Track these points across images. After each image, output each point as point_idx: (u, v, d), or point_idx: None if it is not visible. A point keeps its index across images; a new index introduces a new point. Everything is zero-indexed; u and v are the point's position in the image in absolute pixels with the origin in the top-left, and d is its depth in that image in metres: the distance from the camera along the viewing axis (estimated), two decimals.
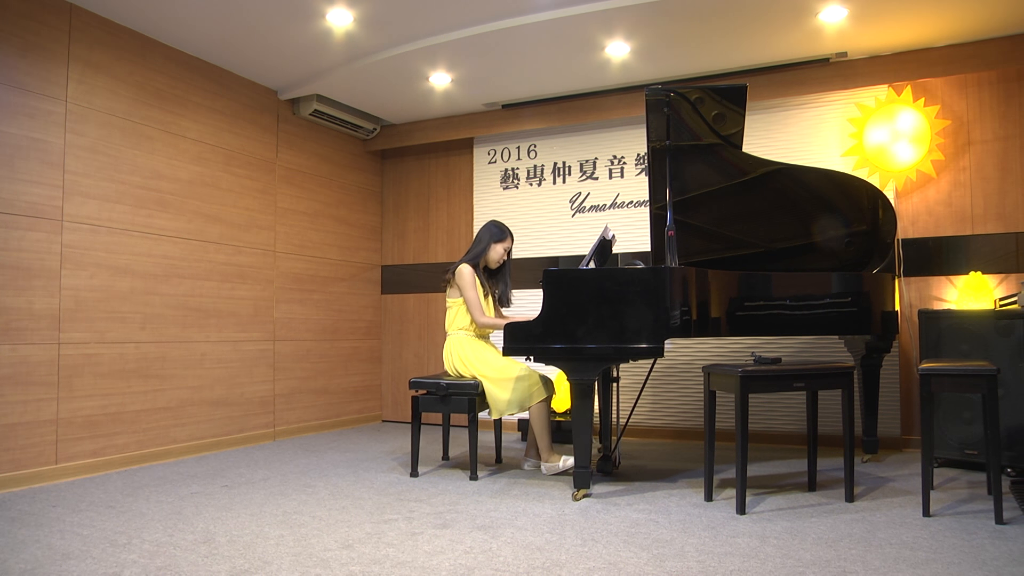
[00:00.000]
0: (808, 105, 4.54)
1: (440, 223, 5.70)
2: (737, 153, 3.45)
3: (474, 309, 3.65)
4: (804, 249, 3.64)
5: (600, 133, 5.12)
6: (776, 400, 4.50)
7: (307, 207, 5.13)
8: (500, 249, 3.78)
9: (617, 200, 5.04)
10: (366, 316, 5.71)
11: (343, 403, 5.42)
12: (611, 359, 2.99)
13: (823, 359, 4.35)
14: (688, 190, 3.51)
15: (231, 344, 4.44)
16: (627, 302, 2.95)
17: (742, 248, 3.67)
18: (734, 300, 3.11)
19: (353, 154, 5.63)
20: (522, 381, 3.49)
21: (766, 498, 3.06)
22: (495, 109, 5.25)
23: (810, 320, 3.19)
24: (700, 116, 3.33)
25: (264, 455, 4.20)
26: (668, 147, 3.28)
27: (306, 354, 5.06)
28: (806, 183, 3.55)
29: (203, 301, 4.27)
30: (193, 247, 4.22)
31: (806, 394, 3.23)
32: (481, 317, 3.64)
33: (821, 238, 3.61)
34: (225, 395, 4.39)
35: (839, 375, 2.94)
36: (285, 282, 4.90)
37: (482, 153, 5.50)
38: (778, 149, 4.56)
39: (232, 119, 4.53)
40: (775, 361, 3.01)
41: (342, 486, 3.38)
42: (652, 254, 3.60)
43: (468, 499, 3.11)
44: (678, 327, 2.93)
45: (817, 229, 3.61)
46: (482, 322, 3.64)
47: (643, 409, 4.82)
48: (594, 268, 3.30)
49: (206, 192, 4.32)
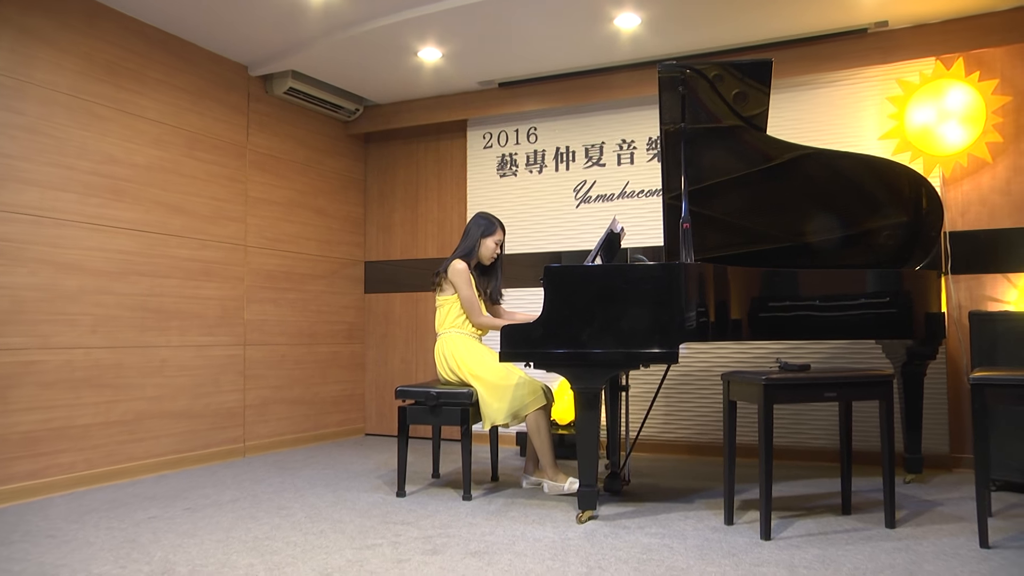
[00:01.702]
0: (842, 82, 4.52)
1: (430, 214, 5.69)
2: (760, 136, 3.45)
3: (471, 309, 3.65)
4: (836, 243, 3.63)
5: (608, 115, 5.10)
6: (805, 412, 4.48)
7: (281, 196, 5.11)
8: (491, 244, 3.79)
9: (626, 189, 5.02)
10: (347, 317, 5.69)
11: (322, 414, 5.40)
12: (619, 365, 2.99)
13: (858, 366, 4.33)
14: (705, 178, 3.50)
15: (196, 349, 4.42)
16: (638, 302, 2.94)
17: (766, 242, 3.66)
18: (757, 300, 3.11)
19: (333, 137, 5.61)
20: (519, 389, 3.49)
21: (794, 522, 3.04)
22: (491, 88, 5.23)
23: (843, 322, 3.18)
24: (719, 95, 3.32)
25: (232, 473, 4.18)
26: (683, 130, 3.26)
27: (280, 360, 5.04)
28: (838, 170, 3.53)
29: (164, 301, 4.24)
30: (152, 241, 4.19)
31: (839, 405, 3.21)
32: (479, 317, 3.65)
33: (855, 231, 3.60)
34: (188, 406, 4.36)
35: (876, 384, 2.92)
36: (257, 280, 4.88)
37: (476, 137, 5.49)
38: (807, 132, 4.54)
39: (196, 97, 4.50)
40: (803, 368, 2.99)
41: (320, 507, 3.36)
42: (665, 249, 3.59)
43: (461, 521, 3.09)
44: (694, 330, 2.93)
45: (851, 221, 3.60)
46: (479, 322, 3.65)
47: (655, 421, 4.81)
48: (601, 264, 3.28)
49: (167, 179, 4.29)
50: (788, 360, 3.34)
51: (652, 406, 3.86)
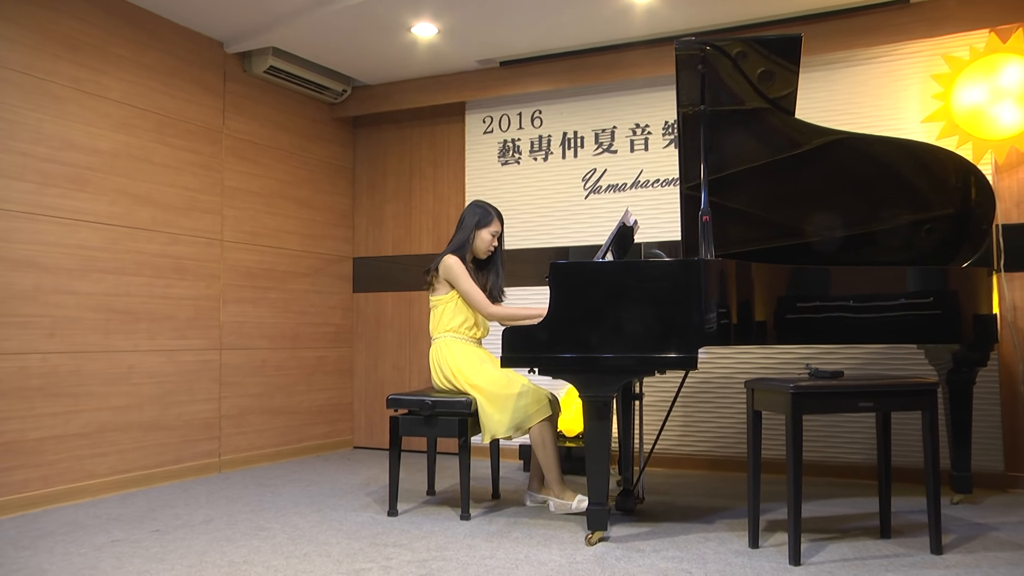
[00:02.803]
0: (880, 59, 4.49)
1: (425, 206, 5.67)
2: (788, 120, 3.43)
3: (477, 300, 3.65)
4: (872, 238, 3.61)
5: (620, 96, 5.09)
6: (838, 424, 4.47)
7: (261, 186, 5.10)
8: (487, 236, 3.78)
9: (640, 178, 5.01)
10: (334, 319, 5.68)
11: (305, 425, 5.39)
12: (633, 371, 2.99)
13: (897, 373, 4.31)
14: (727, 166, 3.48)
15: (166, 354, 4.40)
16: (652, 302, 2.94)
17: (794, 237, 3.65)
18: (784, 300, 3.10)
19: (318, 122, 5.60)
20: (522, 398, 3.49)
21: (826, 545, 3.02)
22: (491, 67, 5.22)
23: (880, 325, 3.16)
24: (743, 75, 3.30)
25: (207, 490, 4.17)
26: (703, 113, 3.26)
27: (260, 366, 5.03)
28: (875, 156, 3.51)
29: (131, 301, 4.22)
30: (118, 235, 4.17)
31: (876, 416, 3.19)
32: (489, 307, 3.66)
33: (893, 224, 3.58)
34: (158, 417, 4.35)
35: (918, 393, 2.89)
36: (234, 278, 4.87)
37: (476, 121, 5.48)
38: (840, 115, 4.52)
39: (167, 77, 4.48)
40: (835, 375, 2.98)
41: (303, 528, 3.35)
42: (683, 243, 3.58)
43: (458, 543, 3.09)
44: (714, 332, 2.92)
45: (888, 213, 3.58)
46: (492, 313, 3.66)
47: (672, 433, 4.80)
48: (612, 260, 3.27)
49: (134, 167, 4.27)
50: (819, 366, 3.33)
51: (668, 416, 3.85)
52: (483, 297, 3.65)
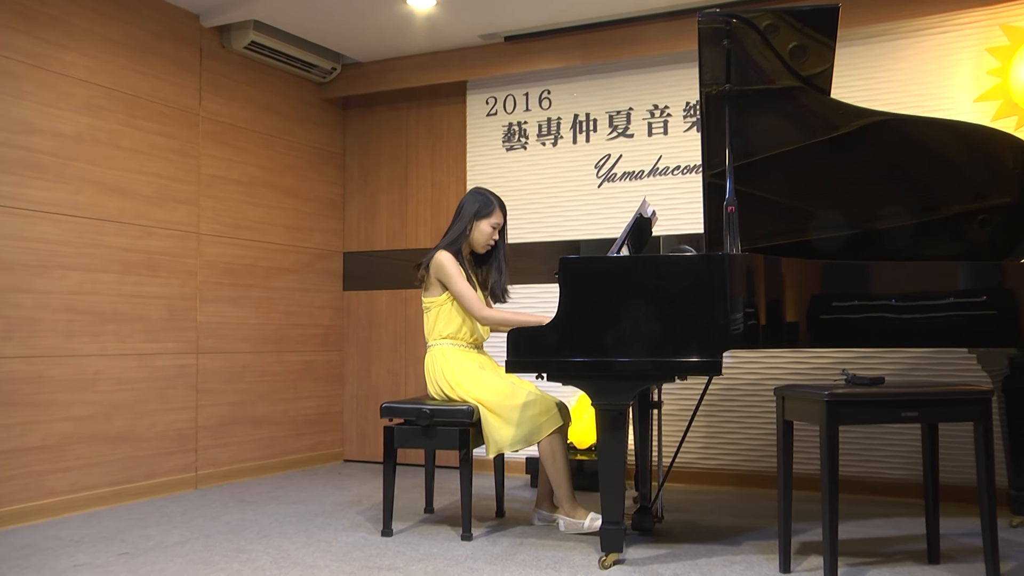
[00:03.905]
0: (928, 31, 4.47)
1: (422, 195, 5.68)
2: (824, 100, 3.41)
3: (470, 303, 3.63)
4: (917, 230, 3.59)
5: (637, 75, 5.08)
6: (878, 436, 4.46)
7: (242, 174, 5.10)
8: (487, 228, 3.77)
9: (659, 165, 5.01)
10: (323, 320, 5.68)
11: (291, 437, 5.40)
12: (650, 377, 3.01)
13: (945, 380, 4.29)
14: (755, 151, 3.47)
15: (137, 358, 4.41)
16: (672, 301, 2.94)
17: (828, 229, 3.64)
18: (818, 298, 3.09)
19: (305, 103, 5.60)
20: (530, 408, 3.49)
21: (867, 571, 3.01)
22: (495, 42, 5.21)
23: (925, 326, 3.13)
24: (772, 50, 3.28)
25: (182, 509, 4.17)
26: (728, 93, 3.24)
27: (241, 371, 5.04)
28: (921, 140, 3.48)
29: (97, 301, 4.22)
30: (82, 227, 4.17)
31: (921, 428, 3.18)
32: (483, 311, 3.64)
33: (941, 215, 3.56)
34: (128, 428, 4.35)
35: (970, 402, 2.88)
36: (212, 274, 4.87)
37: (478, 102, 5.48)
38: (882, 94, 4.50)
39: (136, 53, 4.48)
40: (875, 382, 2.96)
41: (289, 551, 3.35)
42: (706, 236, 3.58)
43: (460, 566, 3.09)
44: (741, 334, 2.92)
45: (935, 203, 3.56)
46: (485, 317, 3.64)
47: (693, 445, 4.80)
48: (628, 255, 3.27)
49: (100, 153, 4.27)
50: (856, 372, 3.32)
51: (690, 427, 3.84)
52: (477, 300, 3.64)
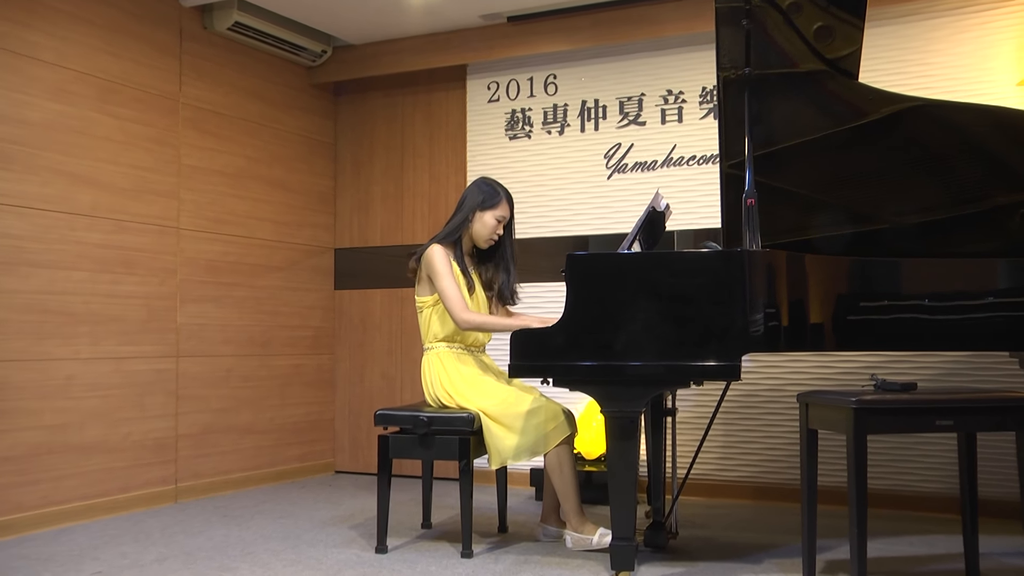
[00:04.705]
0: (966, 9, 4.45)
1: (419, 188, 5.68)
2: (851, 84, 3.40)
3: (452, 302, 3.59)
4: (952, 224, 3.56)
5: (649, 58, 5.08)
6: (910, 446, 4.45)
7: (226, 164, 5.10)
8: (491, 220, 3.75)
9: (673, 155, 5.01)
10: (313, 321, 5.69)
11: (279, 446, 5.40)
12: (664, 382, 3.01)
13: (983, 386, 4.28)
14: (777, 140, 3.46)
15: (112, 362, 4.41)
16: (688, 300, 2.93)
17: (856, 223, 3.63)
18: (844, 298, 3.08)
19: (293, 88, 5.61)
20: (535, 416, 3.48)
21: None
22: (498, 23, 5.21)
23: (962, 328, 3.12)
24: (796, 31, 3.28)
25: (160, 524, 4.17)
26: (748, 77, 3.23)
27: (225, 376, 5.04)
28: (958, 127, 3.45)
29: (69, 301, 4.22)
30: (52, 222, 4.17)
31: (957, 438, 3.18)
32: (463, 313, 3.59)
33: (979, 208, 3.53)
34: (102, 437, 4.35)
35: (1011, 410, 2.87)
36: (194, 272, 4.88)
37: (479, 87, 5.49)
38: (915, 78, 4.49)
39: (111, 34, 4.47)
40: (907, 388, 2.96)
41: (276, 569, 3.34)
42: (724, 232, 3.56)
43: None
44: (761, 337, 2.92)
45: (973, 195, 3.53)
46: (464, 319, 3.59)
47: (710, 455, 4.80)
48: (640, 252, 3.26)
49: (71, 141, 4.26)
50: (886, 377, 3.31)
51: (706, 436, 3.83)
52: (459, 300, 3.59)
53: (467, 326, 3.61)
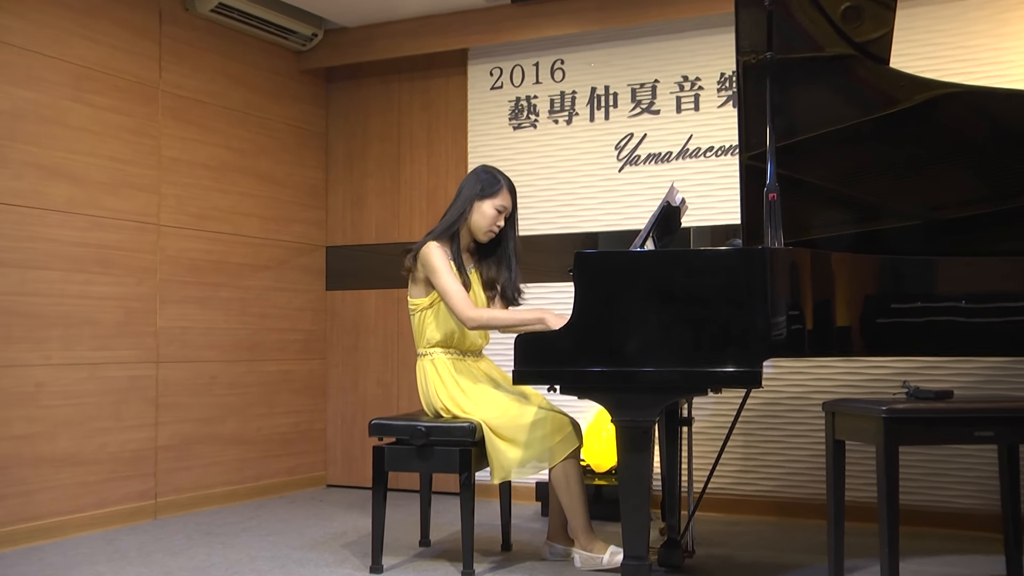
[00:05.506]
0: None
1: (417, 181, 5.69)
2: (881, 70, 3.39)
3: (456, 300, 3.57)
4: (989, 220, 3.55)
5: (664, 41, 5.09)
6: (946, 458, 4.45)
7: (209, 156, 5.11)
8: (490, 210, 3.72)
9: (689, 146, 5.01)
10: (303, 323, 5.70)
11: (267, 458, 5.41)
12: (679, 390, 3.00)
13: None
14: (801, 130, 3.46)
15: (86, 368, 4.41)
16: (705, 302, 2.92)
17: (887, 219, 3.62)
18: (873, 299, 3.07)
19: (281, 74, 5.62)
20: (540, 427, 3.48)
21: None
22: (501, 4, 5.22)
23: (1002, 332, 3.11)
24: (821, 11, 3.29)
25: (138, 542, 4.17)
26: (770, 62, 3.20)
27: (209, 383, 5.04)
28: (998, 115, 3.46)
29: (39, 302, 4.22)
30: (22, 218, 4.17)
31: (998, 450, 3.20)
32: (469, 311, 3.56)
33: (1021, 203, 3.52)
34: (75, 448, 4.35)
35: None
36: (175, 272, 4.88)
37: (481, 73, 5.50)
38: (950, 62, 4.49)
39: (85, 17, 4.48)
40: (942, 396, 2.96)
41: None
42: (744, 228, 3.54)
43: None
44: (783, 341, 2.90)
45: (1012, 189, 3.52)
46: (470, 318, 3.56)
47: (729, 468, 4.81)
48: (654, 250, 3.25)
49: (43, 132, 4.27)
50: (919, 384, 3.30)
51: (725, 447, 3.82)
52: (463, 297, 3.57)
53: (475, 324, 3.57)
